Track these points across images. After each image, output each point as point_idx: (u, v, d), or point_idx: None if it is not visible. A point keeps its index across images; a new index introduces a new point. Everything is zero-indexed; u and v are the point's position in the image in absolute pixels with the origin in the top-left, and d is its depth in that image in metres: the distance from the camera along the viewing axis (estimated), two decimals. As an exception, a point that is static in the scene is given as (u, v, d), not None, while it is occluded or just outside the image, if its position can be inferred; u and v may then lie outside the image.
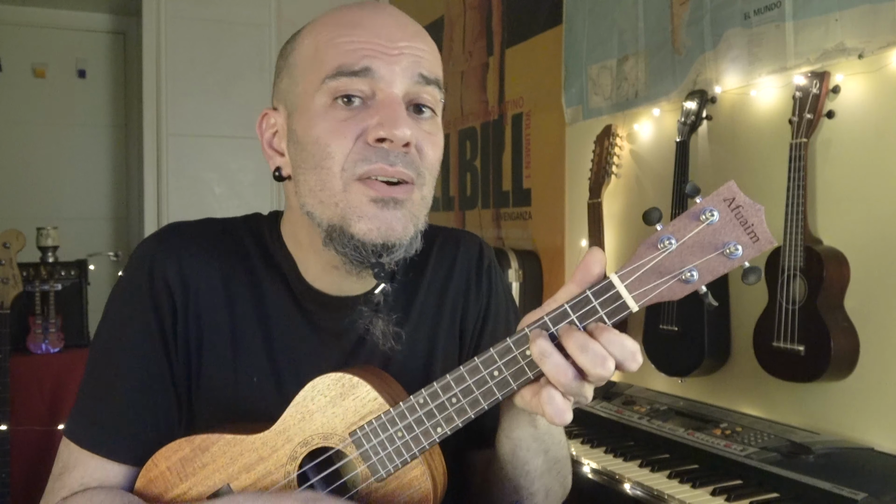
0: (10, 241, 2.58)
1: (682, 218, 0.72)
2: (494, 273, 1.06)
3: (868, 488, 1.36)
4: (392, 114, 0.83)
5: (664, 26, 2.13)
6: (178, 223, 0.98)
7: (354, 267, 0.88)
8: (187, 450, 0.86)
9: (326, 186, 0.85)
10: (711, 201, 0.71)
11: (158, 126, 3.69)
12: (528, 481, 0.91)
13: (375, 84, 0.85)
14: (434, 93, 0.88)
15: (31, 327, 3.11)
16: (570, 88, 2.53)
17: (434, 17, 3.50)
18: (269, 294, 0.94)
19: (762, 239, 0.70)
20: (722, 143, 1.99)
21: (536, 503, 0.94)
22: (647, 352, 2.05)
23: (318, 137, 0.85)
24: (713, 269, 0.71)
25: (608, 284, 0.73)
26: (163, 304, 0.90)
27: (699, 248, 0.71)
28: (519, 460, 0.89)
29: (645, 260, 0.72)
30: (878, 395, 1.60)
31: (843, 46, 1.62)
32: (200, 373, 0.92)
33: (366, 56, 0.84)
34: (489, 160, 3.09)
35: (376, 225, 0.83)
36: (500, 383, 0.76)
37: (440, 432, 0.78)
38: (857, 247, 1.63)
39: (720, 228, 0.70)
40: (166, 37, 3.66)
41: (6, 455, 2.43)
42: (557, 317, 0.74)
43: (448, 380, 0.77)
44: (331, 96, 0.85)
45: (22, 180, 4.25)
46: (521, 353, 0.75)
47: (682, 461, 1.68)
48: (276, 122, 0.93)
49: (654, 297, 0.72)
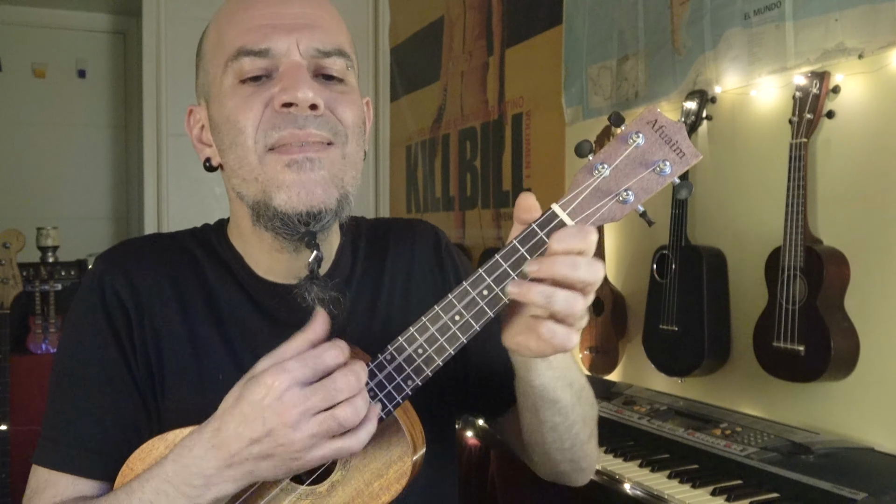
0: (10, 241, 2.58)
1: (611, 144, 0.76)
2: (454, 252, 1.09)
3: (868, 488, 1.36)
4: (293, 79, 0.84)
5: (664, 26, 2.13)
6: (128, 240, 1.01)
7: (290, 243, 0.89)
8: (161, 447, 0.85)
9: (244, 162, 0.87)
10: (636, 125, 0.75)
11: (158, 126, 3.69)
12: (563, 417, 0.92)
13: (277, 59, 0.86)
14: (338, 62, 0.89)
15: (31, 327, 3.11)
16: (570, 88, 2.53)
17: (434, 17, 3.50)
18: (221, 294, 0.95)
19: (688, 153, 0.74)
20: (722, 143, 1.99)
21: (576, 433, 0.95)
22: (648, 352, 2.05)
23: (228, 116, 0.87)
24: (647, 187, 0.75)
25: (551, 215, 0.76)
26: (117, 317, 0.91)
27: (631, 169, 0.75)
28: (548, 402, 0.90)
29: (582, 187, 0.75)
30: (878, 395, 1.60)
31: (843, 46, 1.62)
32: (164, 381, 0.92)
33: (265, 35, 0.86)
34: (489, 160, 3.09)
35: (296, 192, 0.84)
36: (463, 327, 0.77)
37: (411, 384, 0.79)
38: (857, 247, 1.63)
39: (648, 149, 0.75)
40: (166, 37, 3.66)
41: (6, 455, 2.43)
42: (508, 252, 0.76)
43: (411, 331, 0.79)
44: (236, 77, 0.87)
45: (22, 180, 4.25)
46: (478, 293, 0.76)
47: (682, 461, 1.68)
48: (200, 116, 0.96)
49: (596, 219, 0.75)
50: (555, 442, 0.95)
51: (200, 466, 0.77)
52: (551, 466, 1.01)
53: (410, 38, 3.74)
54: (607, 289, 2.29)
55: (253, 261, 0.96)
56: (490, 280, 0.76)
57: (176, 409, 0.91)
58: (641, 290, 2.12)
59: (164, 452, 0.84)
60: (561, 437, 0.94)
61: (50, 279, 3.13)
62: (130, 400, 0.91)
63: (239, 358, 0.93)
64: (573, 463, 0.99)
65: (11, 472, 2.43)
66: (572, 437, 0.95)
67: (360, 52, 4.07)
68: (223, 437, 0.76)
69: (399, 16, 3.89)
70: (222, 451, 0.76)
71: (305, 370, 0.74)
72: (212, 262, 0.97)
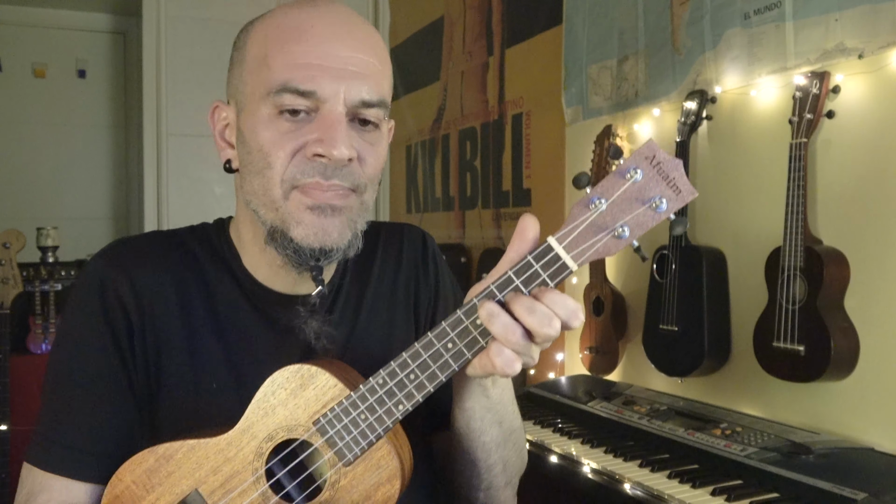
0: (10, 241, 2.58)
1: (608, 178, 0.76)
2: (439, 258, 1.11)
3: (868, 488, 1.36)
4: (332, 132, 0.85)
5: (664, 26, 2.13)
6: (125, 238, 1.00)
7: (294, 268, 0.91)
8: (151, 460, 0.85)
9: (268, 193, 0.88)
10: (634, 160, 0.75)
11: (158, 126, 3.69)
12: (485, 453, 0.94)
13: (320, 102, 0.86)
14: (378, 113, 0.90)
15: (31, 327, 3.11)
16: (570, 88, 2.53)
17: (434, 17, 3.50)
18: (222, 297, 0.95)
19: (684, 191, 0.75)
20: (722, 143, 1.99)
21: (495, 475, 0.96)
22: (648, 352, 2.06)
23: (261, 146, 0.88)
24: (642, 223, 0.75)
25: (547, 248, 0.76)
26: (118, 321, 0.91)
27: (627, 204, 0.75)
28: (474, 432, 0.91)
29: (578, 221, 0.75)
30: (878, 395, 1.60)
31: (843, 46, 1.62)
32: (160, 384, 0.92)
33: (312, 77, 0.86)
34: (489, 160, 3.09)
35: (313, 231, 0.87)
36: (455, 355, 0.78)
37: (402, 409, 0.80)
38: (857, 247, 1.63)
39: (645, 185, 0.75)
40: (166, 37, 3.65)
41: (6, 455, 2.43)
42: (502, 284, 0.77)
43: (405, 357, 0.79)
44: (276, 109, 0.87)
45: (22, 180, 4.25)
46: (471, 322, 0.78)
47: (682, 461, 1.67)
48: (227, 115, 0.95)
49: (591, 254, 0.76)
50: (472, 478, 0.96)
51: None
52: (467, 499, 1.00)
53: (410, 38, 3.74)
54: (607, 289, 2.29)
55: (252, 268, 0.97)
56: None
57: (170, 412, 0.91)
58: (641, 290, 2.12)
59: (154, 465, 0.85)
60: (479, 474, 0.95)
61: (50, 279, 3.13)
62: (126, 404, 0.91)
63: (235, 365, 0.93)
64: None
65: (11, 472, 2.43)
66: (490, 478, 0.96)
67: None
68: None
69: (399, 16, 3.89)
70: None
71: None
72: (212, 262, 0.97)
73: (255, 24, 0.93)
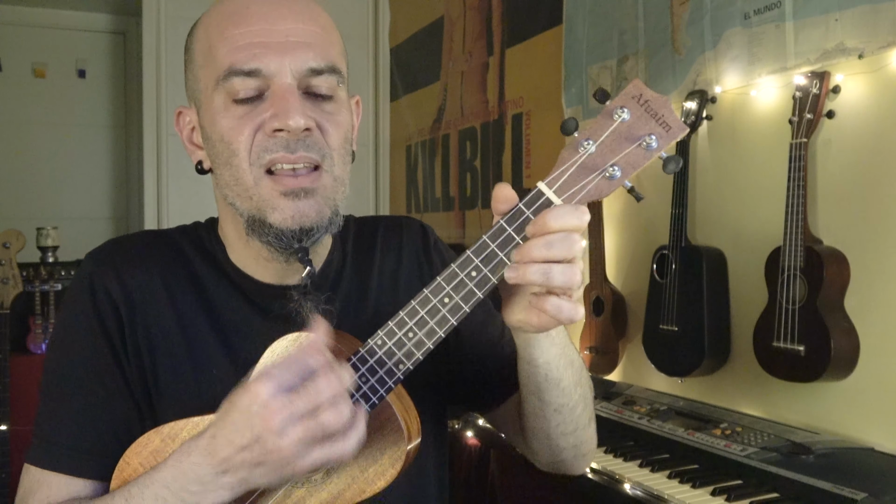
0: (10, 241, 2.58)
1: (596, 120, 0.75)
2: (442, 248, 1.10)
3: (868, 488, 1.36)
4: (285, 104, 0.85)
5: (664, 26, 2.13)
6: (115, 238, 1.01)
7: (281, 255, 0.91)
8: (157, 441, 0.86)
9: (239, 181, 0.88)
10: (621, 100, 0.74)
11: (158, 126, 3.68)
12: (566, 397, 0.93)
13: (268, 79, 0.86)
14: (328, 80, 0.89)
15: (31, 327, 3.11)
16: (570, 88, 2.53)
17: (434, 17, 3.50)
18: (213, 290, 0.96)
19: (674, 127, 0.73)
20: (722, 143, 1.99)
21: (579, 415, 0.96)
22: (648, 352, 2.06)
23: (222, 135, 0.88)
24: (634, 162, 0.74)
25: (537, 193, 0.76)
26: (108, 318, 0.92)
27: (617, 144, 0.74)
28: (552, 381, 0.91)
29: (568, 164, 0.75)
30: (878, 395, 1.60)
31: (843, 46, 1.62)
32: (158, 378, 0.92)
33: (255, 55, 0.86)
34: (489, 160, 3.09)
35: (290, 214, 0.87)
36: (453, 309, 0.77)
37: (402, 368, 0.80)
38: (857, 247, 1.63)
39: (633, 123, 0.74)
40: (166, 37, 3.65)
41: (6, 455, 2.43)
42: (495, 233, 0.76)
43: (401, 315, 0.79)
44: (228, 96, 0.87)
45: (22, 180, 4.25)
46: (466, 275, 0.77)
47: (682, 461, 1.67)
48: (190, 119, 0.96)
49: (582, 196, 0.75)
50: (559, 426, 0.95)
51: (197, 473, 0.77)
52: (554, 454, 1.01)
53: (410, 38, 3.74)
54: (607, 289, 2.29)
55: (241, 263, 0.97)
56: (478, 261, 0.77)
57: (171, 405, 0.91)
58: (641, 290, 2.12)
59: (160, 446, 0.85)
60: (565, 420, 0.95)
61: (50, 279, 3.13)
62: (122, 400, 0.92)
63: (233, 350, 0.93)
64: (576, 448, 1.00)
65: (11, 472, 2.43)
66: (575, 419, 0.96)
67: (360, 52, 4.07)
68: (217, 444, 0.76)
69: (399, 16, 3.89)
70: (216, 457, 0.76)
71: (289, 374, 0.74)
72: (201, 257, 0.97)
73: (198, 23, 0.94)
